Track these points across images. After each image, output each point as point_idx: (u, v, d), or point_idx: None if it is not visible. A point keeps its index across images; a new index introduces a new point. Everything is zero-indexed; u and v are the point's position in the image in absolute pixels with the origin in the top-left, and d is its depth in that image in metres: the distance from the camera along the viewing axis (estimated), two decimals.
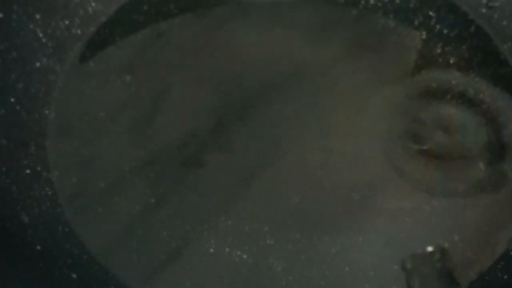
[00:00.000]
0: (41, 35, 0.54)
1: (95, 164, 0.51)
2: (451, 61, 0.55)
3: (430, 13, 0.56)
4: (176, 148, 0.52)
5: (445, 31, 0.56)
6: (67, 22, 0.55)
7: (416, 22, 0.56)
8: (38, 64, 0.54)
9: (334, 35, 0.57)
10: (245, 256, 0.48)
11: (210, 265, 0.48)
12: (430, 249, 0.48)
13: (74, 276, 0.47)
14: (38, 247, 0.47)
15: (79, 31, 0.56)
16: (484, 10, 0.56)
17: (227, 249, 0.48)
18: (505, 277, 0.47)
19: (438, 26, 0.56)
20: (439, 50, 0.55)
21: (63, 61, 0.55)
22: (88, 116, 0.53)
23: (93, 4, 0.56)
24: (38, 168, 0.51)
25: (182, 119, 0.53)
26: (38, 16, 0.54)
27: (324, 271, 0.48)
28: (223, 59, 0.56)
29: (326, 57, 0.55)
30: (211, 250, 0.48)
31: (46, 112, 0.53)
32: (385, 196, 0.50)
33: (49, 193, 0.50)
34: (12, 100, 0.52)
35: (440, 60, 0.55)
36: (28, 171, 0.50)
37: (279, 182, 0.51)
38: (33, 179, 0.50)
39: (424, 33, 0.56)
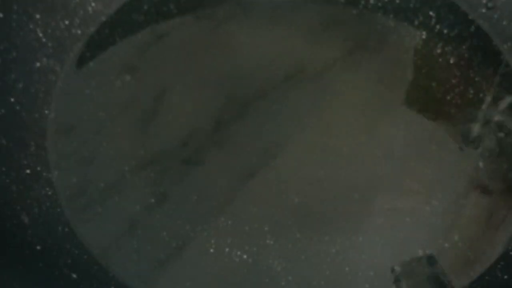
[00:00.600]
0: (41, 35, 0.54)
1: (95, 164, 0.51)
2: (451, 61, 0.55)
3: (430, 13, 0.56)
4: (176, 148, 0.52)
5: (445, 31, 0.56)
6: (67, 22, 0.55)
7: (416, 22, 0.56)
8: (38, 64, 0.54)
9: (334, 35, 0.57)
10: (245, 256, 0.48)
11: (210, 265, 0.48)
12: (418, 254, 0.48)
13: (74, 276, 0.47)
14: (38, 247, 0.47)
15: (79, 31, 0.56)
16: (484, 10, 0.56)
17: (227, 249, 0.48)
18: (505, 277, 0.47)
19: (438, 26, 0.56)
20: (439, 50, 0.55)
21: (63, 61, 0.55)
22: (88, 116, 0.53)
23: (93, 4, 0.56)
24: (38, 168, 0.51)
25: (182, 119, 0.53)
26: (38, 16, 0.54)
27: (324, 271, 0.48)
28: (223, 59, 0.56)
29: (326, 57, 0.55)
30: (211, 250, 0.48)
31: (46, 112, 0.53)
32: (385, 196, 0.50)
33: (49, 193, 0.50)
34: (12, 100, 0.52)
35: (440, 60, 0.55)
36: (28, 171, 0.50)
37: (279, 182, 0.51)
38: (33, 179, 0.50)
39: (424, 33, 0.56)
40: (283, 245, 0.49)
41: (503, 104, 0.53)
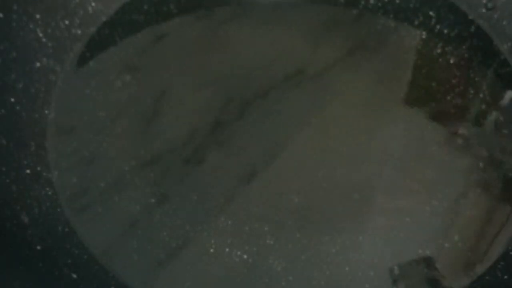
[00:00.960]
0: (41, 35, 0.54)
1: (95, 164, 0.51)
2: (451, 61, 0.55)
3: (430, 13, 0.56)
4: (176, 148, 0.52)
5: (445, 31, 0.56)
6: (67, 22, 0.55)
7: (416, 22, 0.56)
8: (38, 64, 0.54)
9: (334, 35, 0.57)
10: (245, 256, 0.48)
11: (210, 265, 0.48)
12: (418, 254, 0.47)
13: (74, 276, 0.47)
14: (38, 247, 0.47)
15: (79, 31, 0.56)
16: (484, 10, 0.56)
17: (227, 249, 0.48)
18: (505, 277, 0.47)
19: (438, 26, 0.56)
20: (439, 50, 0.55)
21: (63, 61, 0.55)
22: (88, 116, 0.53)
23: (93, 4, 0.56)
24: (38, 168, 0.51)
25: (182, 119, 0.53)
26: (38, 16, 0.54)
27: (324, 271, 0.48)
28: (224, 59, 0.56)
29: (326, 57, 0.55)
30: (211, 250, 0.48)
31: (46, 112, 0.53)
32: (385, 196, 0.50)
33: (49, 193, 0.50)
34: (12, 100, 0.52)
35: (440, 60, 0.55)
36: (28, 171, 0.50)
37: (279, 182, 0.51)
38: (33, 179, 0.50)
39: (424, 33, 0.56)
40: (283, 245, 0.49)
41: (503, 104, 0.53)
